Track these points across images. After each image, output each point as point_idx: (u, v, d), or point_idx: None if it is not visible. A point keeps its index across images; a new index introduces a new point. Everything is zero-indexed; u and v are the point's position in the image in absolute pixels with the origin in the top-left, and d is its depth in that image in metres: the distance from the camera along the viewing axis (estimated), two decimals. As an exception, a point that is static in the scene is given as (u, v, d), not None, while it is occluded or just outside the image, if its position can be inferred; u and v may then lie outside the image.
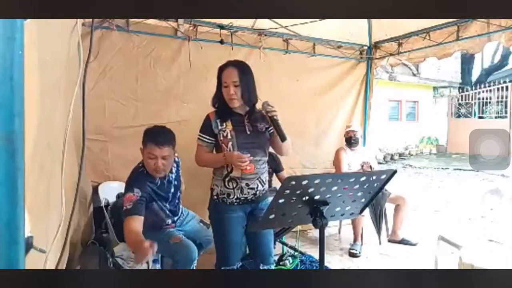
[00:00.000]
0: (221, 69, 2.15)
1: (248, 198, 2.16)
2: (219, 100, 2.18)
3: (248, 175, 2.12)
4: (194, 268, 2.37)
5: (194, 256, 2.35)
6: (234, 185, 2.13)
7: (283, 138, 2.08)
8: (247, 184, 2.13)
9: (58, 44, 1.49)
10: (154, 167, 2.25)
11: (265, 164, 2.23)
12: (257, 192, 2.17)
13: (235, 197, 2.14)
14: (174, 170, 2.49)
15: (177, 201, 2.55)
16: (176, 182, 2.51)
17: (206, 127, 2.18)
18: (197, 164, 2.24)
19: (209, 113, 2.22)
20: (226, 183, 2.14)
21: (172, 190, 2.46)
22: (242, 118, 2.17)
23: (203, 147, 2.20)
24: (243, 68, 2.12)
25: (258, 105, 2.23)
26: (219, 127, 2.14)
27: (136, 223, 2.15)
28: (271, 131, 2.17)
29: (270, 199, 1.98)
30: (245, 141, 2.12)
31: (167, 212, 2.45)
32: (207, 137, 2.18)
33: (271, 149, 2.32)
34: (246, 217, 2.21)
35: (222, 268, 2.21)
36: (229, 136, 2.12)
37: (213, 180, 2.24)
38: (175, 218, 2.55)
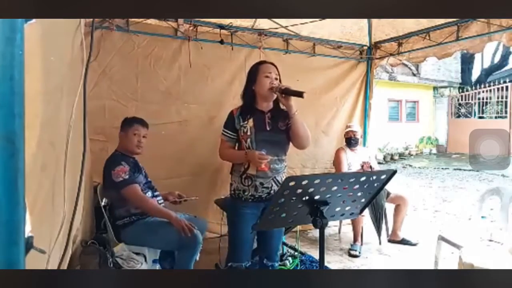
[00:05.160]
0: (259, 64, 2.25)
1: (263, 196, 2.18)
2: (247, 96, 2.22)
3: (262, 174, 2.14)
4: (198, 255, 2.54)
5: (201, 240, 2.50)
6: (249, 183, 2.17)
7: (300, 94, 2.03)
8: (261, 183, 2.16)
9: (62, 44, 1.49)
10: (137, 143, 2.68)
11: (283, 164, 2.25)
12: (272, 192, 2.19)
13: (250, 194, 2.17)
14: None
15: (149, 180, 2.80)
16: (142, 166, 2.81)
17: (229, 123, 2.24)
18: (220, 158, 2.31)
19: (233, 109, 2.27)
20: (243, 180, 2.18)
21: (143, 170, 2.78)
22: (264, 115, 2.20)
23: (226, 142, 2.25)
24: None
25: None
26: (241, 123, 2.18)
27: (139, 190, 2.55)
28: (290, 125, 2.18)
29: None
30: (263, 138, 2.15)
31: (147, 184, 2.72)
32: (230, 132, 2.22)
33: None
34: (259, 215, 2.22)
35: (231, 265, 2.23)
36: (248, 132, 2.16)
37: (232, 176, 2.28)
38: (155, 193, 2.78)
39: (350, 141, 4.03)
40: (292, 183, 1.45)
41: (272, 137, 2.18)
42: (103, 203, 2.82)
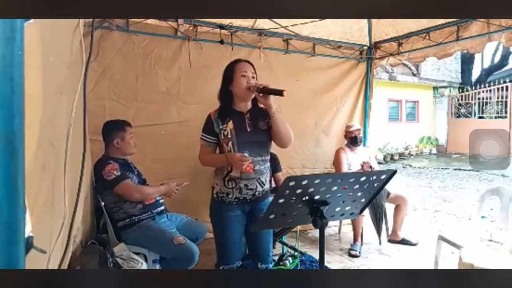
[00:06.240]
0: (234, 63, 2.19)
1: (247, 198, 2.15)
2: (223, 97, 2.17)
3: (247, 176, 2.10)
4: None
5: (197, 258, 2.47)
6: (233, 185, 2.12)
7: (280, 93, 1.95)
8: (245, 185, 2.12)
9: (62, 44, 1.49)
10: (133, 144, 2.73)
11: (266, 164, 2.20)
12: (256, 193, 2.15)
13: (234, 196, 2.13)
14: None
15: (143, 179, 2.83)
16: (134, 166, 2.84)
17: (208, 127, 2.17)
18: (200, 163, 2.24)
19: (210, 112, 2.20)
20: (226, 183, 2.13)
21: (135, 170, 2.78)
22: (243, 116, 2.14)
23: (206, 147, 2.19)
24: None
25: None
26: (220, 126, 2.12)
27: (133, 184, 2.58)
28: (270, 124, 2.12)
29: (270, 199, 1.98)
30: (245, 140, 2.10)
31: (139, 183, 2.72)
32: (209, 136, 2.16)
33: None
34: (245, 216, 2.20)
35: (222, 268, 2.20)
36: (229, 135, 2.10)
37: (214, 179, 2.23)
38: None
39: (356, 140, 4.01)
40: (292, 183, 1.44)
41: (254, 138, 2.12)
42: (102, 203, 2.82)
